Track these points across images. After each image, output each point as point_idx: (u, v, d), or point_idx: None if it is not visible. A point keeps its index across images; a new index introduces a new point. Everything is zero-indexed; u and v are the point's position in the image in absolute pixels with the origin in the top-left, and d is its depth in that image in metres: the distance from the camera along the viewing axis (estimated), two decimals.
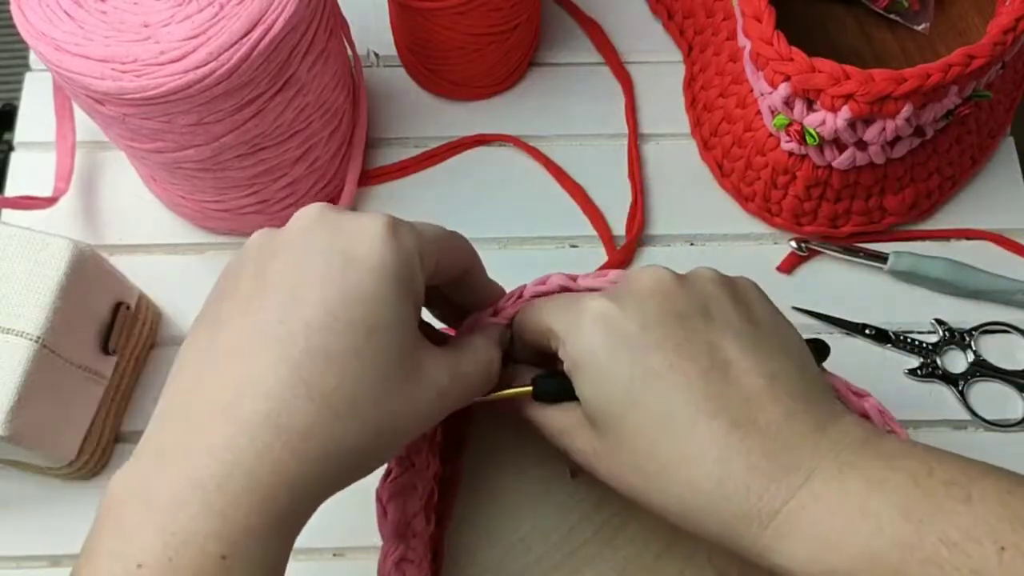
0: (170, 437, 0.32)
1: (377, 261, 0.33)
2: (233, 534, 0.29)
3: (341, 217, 0.34)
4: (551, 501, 0.46)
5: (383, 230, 0.34)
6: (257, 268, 0.34)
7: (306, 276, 0.33)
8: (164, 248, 0.57)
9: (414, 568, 0.40)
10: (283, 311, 0.32)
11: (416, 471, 0.41)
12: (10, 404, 0.42)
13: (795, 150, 0.51)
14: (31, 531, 0.50)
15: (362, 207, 0.58)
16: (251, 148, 0.48)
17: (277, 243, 0.34)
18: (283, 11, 0.43)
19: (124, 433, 0.52)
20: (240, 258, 0.35)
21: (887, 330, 0.54)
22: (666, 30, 0.62)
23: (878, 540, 0.30)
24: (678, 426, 0.33)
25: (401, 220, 0.35)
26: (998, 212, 0.58)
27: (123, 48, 0.42)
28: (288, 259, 0.33)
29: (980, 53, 0.47)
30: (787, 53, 0.47)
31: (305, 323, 0.32)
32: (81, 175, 0.58)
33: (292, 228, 0.35)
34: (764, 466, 0.32)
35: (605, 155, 0.59)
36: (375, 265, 0.33)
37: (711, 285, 0.36)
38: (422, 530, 0.40)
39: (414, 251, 0.35)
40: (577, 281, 0.40)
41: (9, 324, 0.43)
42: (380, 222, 0.34)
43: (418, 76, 0.60)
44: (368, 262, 0.33)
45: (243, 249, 0.36)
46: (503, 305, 0.41)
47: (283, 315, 0.32)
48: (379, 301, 0.33)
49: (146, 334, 0.53)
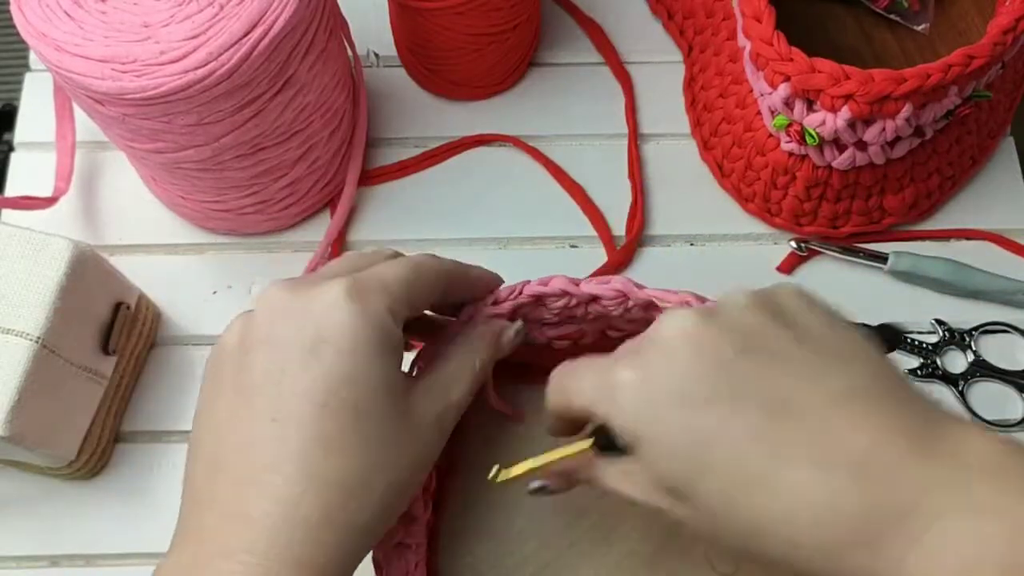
0: (191, 547, 0.33)
1: (349, 338, 0.33)
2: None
3: (304, 297, 0.34)
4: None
5: (345, 302, 0.34)
6: (236, 368, 0.34)
7: (285, 371, 0.33)
8: (164, 248, 0.57)
9: (412, 553, 0.40)
10: (272, 410, 0.33)
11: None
12: (10, 404, 0.42)
13: (795, 150, 0.51)
14: (31, 531, 0.50)
15: (362, 207, 0.58)
16: (251, 148, 0.48)
17: (250, 340, 0.34)
18: (283, 11, 0.43)
19: (124, 433, 0.52)
20: (218, 356, 0.36)
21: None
22: (666, 30, 0.62)
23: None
24: (758, 484, 0.30)
25: (367, 279, 0.35)
26: (998, 212, 0.58)
27: (123, 48, 0.42)
28: (263, 357, 0.34)
29: (980, 53, 0.47)
30: (787, 53, 0.47)
31: (296, 417, 0.32)
32: (81, 175, 0.58)
33: (260, 320, 0.35)
34: (871, 513, 0.28)
35: (605, 155, 0.59)
36: (348, 343, 0.33)
37: (745, 314, 0.33)
38: (420, 515, 0.40)
39: (383, 310, 0.34)
40: (580, 286, 0.40)
41: (9, 324, 0.43)
42: (342, 294, 0.34)
43: (418, 76, 0.60)
44: (341, 342, 0.33)
45: (219, 345, 0.36)
46: (502, 296, 0.41)
47: (273, 413, 0.33)
48: (361, 374, 0.33)
49: (146, 334, 0.53)
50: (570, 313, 0.43)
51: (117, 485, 0.51)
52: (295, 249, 0.57)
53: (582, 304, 0.42)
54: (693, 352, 0.32)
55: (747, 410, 0.30)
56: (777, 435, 0.30)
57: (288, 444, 0.32)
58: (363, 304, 0.34)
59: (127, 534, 0.50)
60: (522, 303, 0.41)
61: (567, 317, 0.43)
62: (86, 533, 0.50)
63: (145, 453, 0.52)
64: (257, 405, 0.33)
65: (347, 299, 0.34)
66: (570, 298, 0.42)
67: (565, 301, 0.42)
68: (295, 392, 0.33)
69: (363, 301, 0.34)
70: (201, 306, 0.55)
